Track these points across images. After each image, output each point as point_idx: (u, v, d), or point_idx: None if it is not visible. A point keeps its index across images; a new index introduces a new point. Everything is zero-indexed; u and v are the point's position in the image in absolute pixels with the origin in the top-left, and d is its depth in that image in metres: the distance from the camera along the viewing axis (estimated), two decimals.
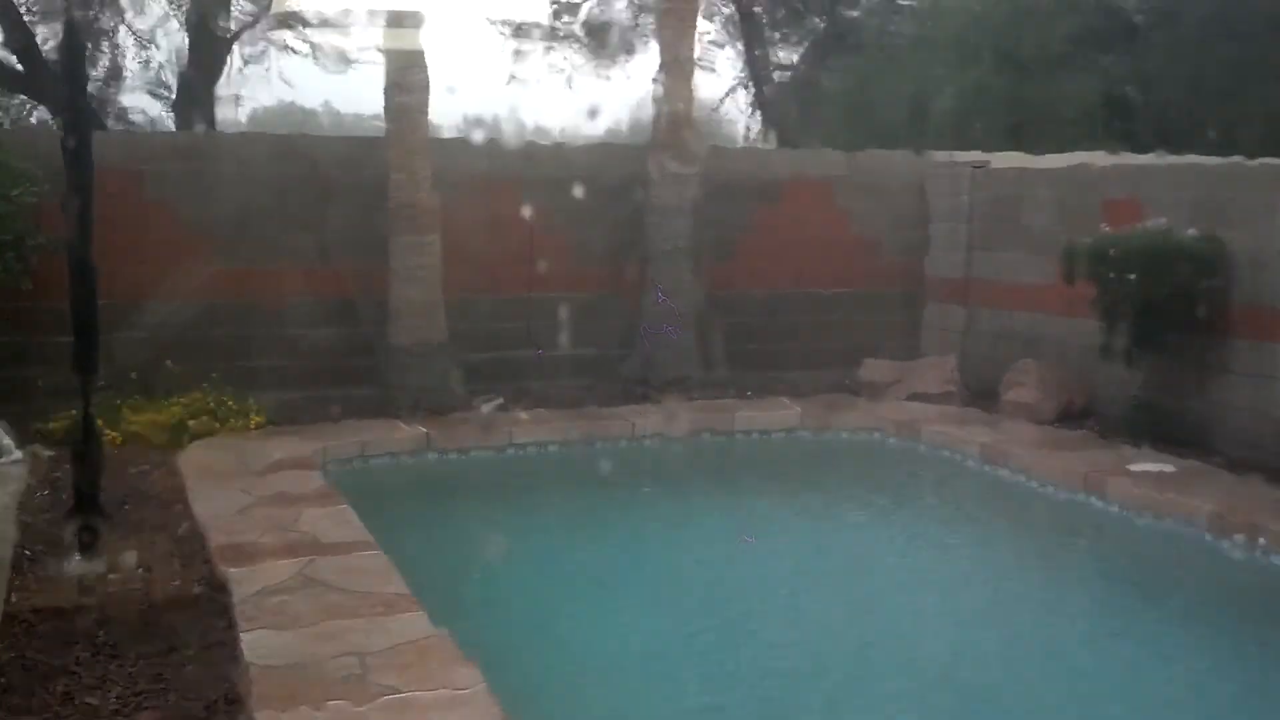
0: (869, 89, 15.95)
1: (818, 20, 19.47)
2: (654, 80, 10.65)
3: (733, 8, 19.06)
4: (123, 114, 18.06)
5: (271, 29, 18.16)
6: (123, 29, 17.44)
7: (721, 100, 21.06)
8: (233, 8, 16.54)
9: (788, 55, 20.67)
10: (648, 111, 10.82)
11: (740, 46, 19.97)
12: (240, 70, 18.26)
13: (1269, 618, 6.11)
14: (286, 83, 18.98)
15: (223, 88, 16.61)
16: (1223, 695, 5.28)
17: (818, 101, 18.06)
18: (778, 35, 20.13)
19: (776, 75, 20.05)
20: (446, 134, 10.18)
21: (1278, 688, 5.38)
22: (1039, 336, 9.88)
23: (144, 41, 17.28)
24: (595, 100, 21.57)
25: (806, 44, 20.18)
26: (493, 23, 20.61)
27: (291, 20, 17.64)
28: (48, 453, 7.70)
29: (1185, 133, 15.35)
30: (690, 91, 10.24)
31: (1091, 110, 15.00)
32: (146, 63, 17.82)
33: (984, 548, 7.38)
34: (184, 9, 16.24)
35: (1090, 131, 14.73)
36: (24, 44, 15.20)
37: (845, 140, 13.67)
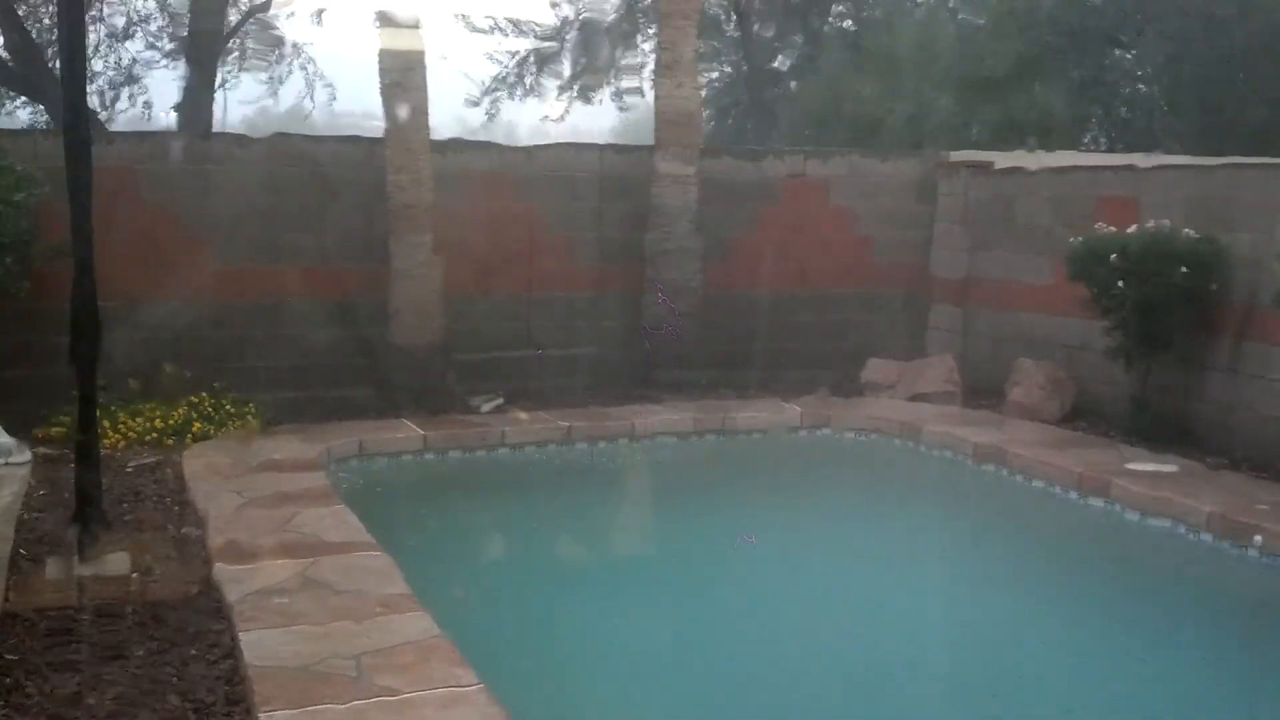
0: (845, 97, 15.98)
1: (809, 24, 19.51)
2: (655, 81, 10.65)
3: (729, 13, 19.09)
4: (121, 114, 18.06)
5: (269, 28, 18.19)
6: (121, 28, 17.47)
7: (726, 102, 21.10)
8: (230, 7, 16.56)
9: (779, 62, 20.74)
10: (649, 112, 10.82)
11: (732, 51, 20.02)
12: (238, 70, 18.31)
13: (1269, 618, 6.12)
14: (307, 67, 18.91)
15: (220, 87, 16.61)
16: (1221, 695, 5.29)
17: (801, 106, 18.09)
18: (769, 40, 20.19)
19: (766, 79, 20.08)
20: (446, 134, 10.16)
21: (1275, 687, 5.39)
22: (1039, 336, 9.88)
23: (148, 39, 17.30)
24: (595, 101, 21.55)
25: (795, 51, 20.23)
26: (492, 28, 20.67)
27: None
28: (48, 452, 7.71)
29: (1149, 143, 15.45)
30: (692, 92, 10.23)
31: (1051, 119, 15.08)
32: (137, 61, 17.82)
33: (983, 548, 7.37)
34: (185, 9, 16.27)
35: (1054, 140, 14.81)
36: (23, 44, 15.20)
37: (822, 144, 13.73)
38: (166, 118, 16.15)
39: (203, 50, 15.75)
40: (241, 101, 19.20)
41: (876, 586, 6.64)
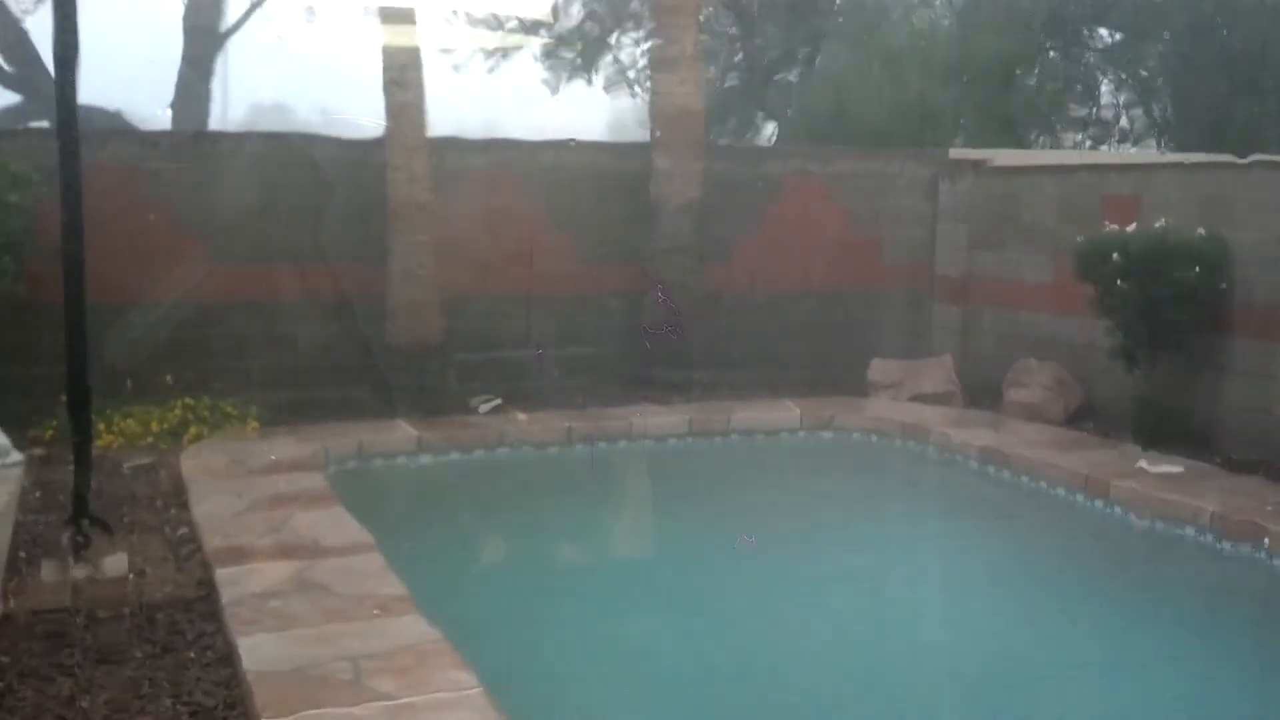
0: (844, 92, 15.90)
1: (810, 22, 19.42)
2: (654, 77, 10.59)
3: (729, 11, 19.00)
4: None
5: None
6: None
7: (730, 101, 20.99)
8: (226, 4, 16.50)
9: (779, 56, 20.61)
10: (648, 110, 10.76)
11: (735, 46, 19.92)
12: (233, 67, 18.20)
13: (1273, 620, 6.06)
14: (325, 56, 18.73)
15: (216, 85, 16.54)
16: (1225, 697, 5.24)
17: (802, 104, 18.01)
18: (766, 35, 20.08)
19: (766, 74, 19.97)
20: (444, 132, 10.07)
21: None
22: (1043, 335, 9.82)
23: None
24: (594, 98, 21.45)
25: (796, 49, 20.12)
26: (489, 24, 20.55)
27: None
28: (40, 453, 7.64)
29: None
30: (692, 88, 10.17)
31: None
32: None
33: (990, 552, 7.31)
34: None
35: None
36: (17, 41, 15.13)
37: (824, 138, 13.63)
38: (163, 115, 16.06)
39: (199, 48, 15.68)
40: (238, 99, 19.09)
41: (884, 590, 6.58)
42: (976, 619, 6.20)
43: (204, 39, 15.76)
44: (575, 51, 20.86)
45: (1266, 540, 6.43)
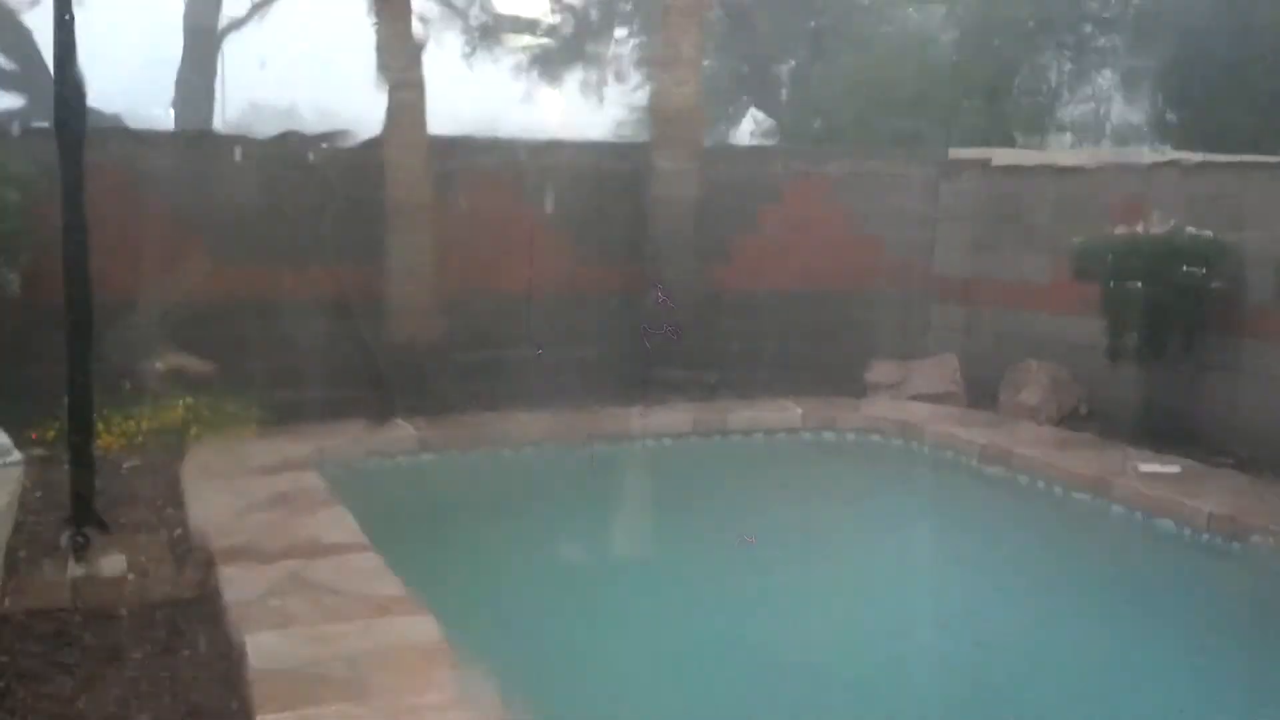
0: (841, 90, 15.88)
1: (809, 22, 19.45)
2: (654, 77, 10.59)
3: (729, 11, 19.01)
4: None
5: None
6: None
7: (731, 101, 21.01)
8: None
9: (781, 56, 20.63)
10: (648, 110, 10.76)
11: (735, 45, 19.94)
12: (233, 67, 18.22)
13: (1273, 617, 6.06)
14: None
15: (216, 85, 16.55)
16: (1228, 699, 5.23)
17: (802, 104, 18.01)
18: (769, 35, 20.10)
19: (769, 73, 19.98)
20: (443, 131, 10.06)
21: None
22: (1044, 336, 9.81)
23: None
24: (594, 98, 21.48)
25: (795, 49, 20.14)
26: (489, 25, 20.57)
27: None
28: (40, 453, 7.63)
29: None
30: (693, 88, 10.16)
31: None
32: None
33: (993, 552, 7.29)
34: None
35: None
36: (16, 40, 15.14)
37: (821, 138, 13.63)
38: (163, 116, 16.07)
39: (199, 48, 15.69)
40: (238, 97, 19.10)
41: (889, 592, 6.57)
42: (980, 616, 6.20)
43: (204, 39, 15.76)
44: (571, 50, 20.89)
45: (1263, 539, 6.43)
